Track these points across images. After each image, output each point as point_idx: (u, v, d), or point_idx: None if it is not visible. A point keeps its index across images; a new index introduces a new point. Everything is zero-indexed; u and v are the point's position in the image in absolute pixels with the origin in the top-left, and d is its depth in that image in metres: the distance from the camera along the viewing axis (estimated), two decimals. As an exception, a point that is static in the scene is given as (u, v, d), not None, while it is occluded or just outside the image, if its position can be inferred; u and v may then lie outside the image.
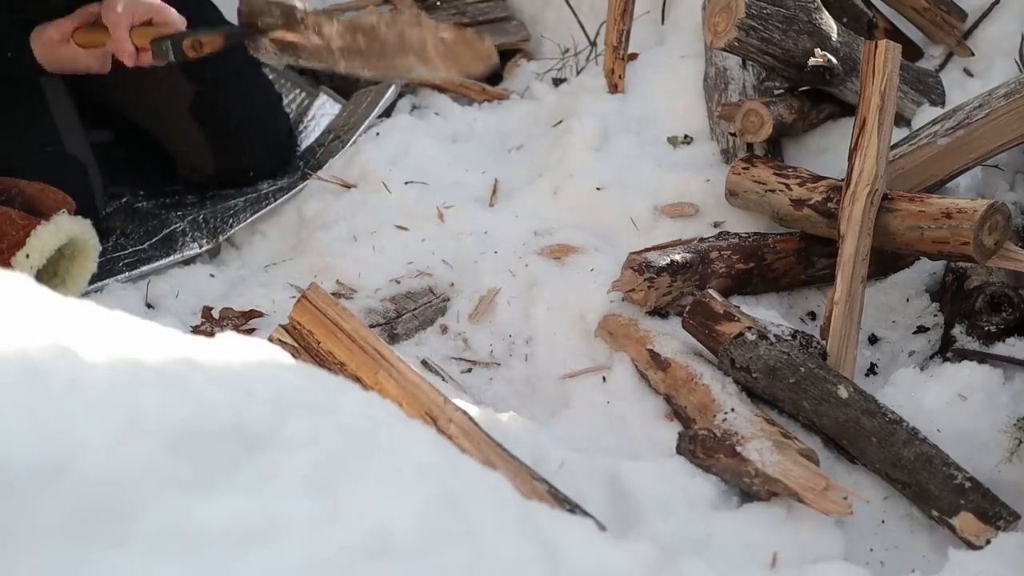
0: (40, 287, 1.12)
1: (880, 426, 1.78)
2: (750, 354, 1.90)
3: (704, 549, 1.61)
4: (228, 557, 0.94)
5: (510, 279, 2.29)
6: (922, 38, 2.87)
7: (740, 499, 1.74)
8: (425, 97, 3.00)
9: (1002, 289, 2.03)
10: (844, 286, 2.01)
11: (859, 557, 1.72)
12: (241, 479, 1.02)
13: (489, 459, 1.52)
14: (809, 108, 2.49)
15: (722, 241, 2.21)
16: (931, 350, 2.09)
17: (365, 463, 1.12)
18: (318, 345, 1.86)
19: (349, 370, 1.77)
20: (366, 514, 1.04)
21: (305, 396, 1.22)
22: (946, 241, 2.01)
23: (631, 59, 2.79)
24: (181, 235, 2.54)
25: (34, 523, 0.88)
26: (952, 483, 1.71)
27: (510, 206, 2.49)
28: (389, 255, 2.38)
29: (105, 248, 2.39)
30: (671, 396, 1.97)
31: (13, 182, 2.22)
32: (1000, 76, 2.59)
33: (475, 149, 2.72)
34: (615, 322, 2.12)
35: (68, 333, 1.05)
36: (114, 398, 0.99)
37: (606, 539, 1.34)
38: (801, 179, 2.24)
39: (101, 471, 0.92)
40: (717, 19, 2.26)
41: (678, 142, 2.59)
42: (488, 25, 3.30)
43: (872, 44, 2.12)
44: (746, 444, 1.71)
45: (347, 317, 1.82)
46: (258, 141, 2.71)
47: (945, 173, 2.22)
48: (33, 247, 2.11)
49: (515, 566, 1.12)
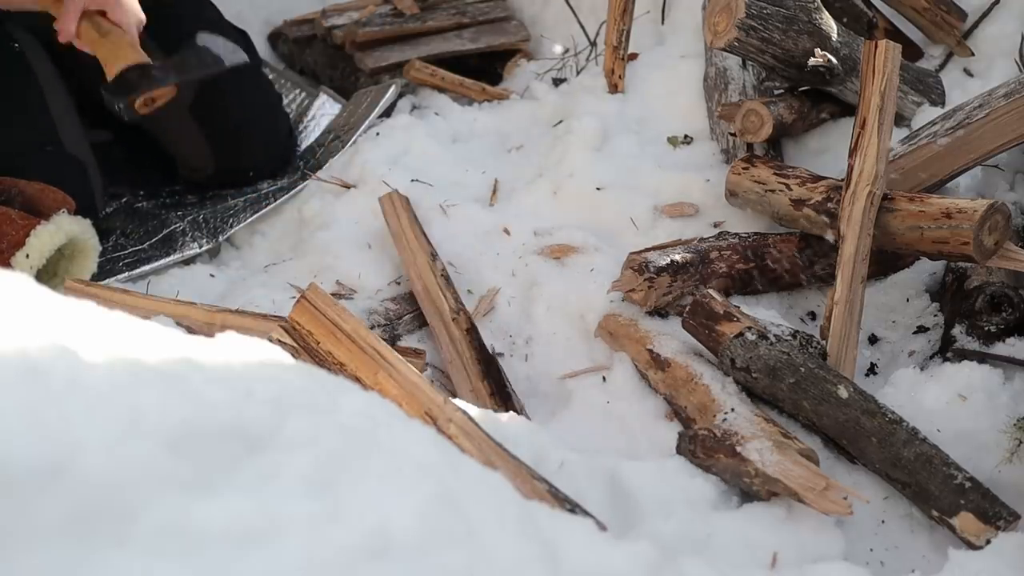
0: (40, 287, 1.12)
1: (880, 426, 1.78)
2: (750, 354, 1.90)
3: (704, 549, 1.61)
4: (228, 557, 0.94)
5: (510, 279, 2.29)
6: (922, 38, 2.87)
7: (740, 499, 1.74)
8: (425, 97, 3.00)
9: (1002, 289, 2.03)
10: (844, 286, 2.01)
11: (859, 557, 1.72)
12: (241, 479, 1.02)
13: (489, 459, 1.52)
14: (809, 108, 2.49)
15: (722, 241, 2.21)
16: (931, 350, 2.09)
17: (365, 463, 1.12)
18: (318, 345, 1.86)
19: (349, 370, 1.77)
20: (366, 514, 1.04)
21: (305, 396, 1.22)
22: (946, 241, 2.01)
23: (631, 59, 2.79)
24: (181, 235, 2.54)
25: (34, 523, 0.88)
26: (952, 483, 1.71)
27: (510, 206, 2.49)
28: (389, 255, 2.38)
29: (105, 248, 2.39)
30: (671, 396, 1.97)
31: (13, 182, 2.22)
32: (1000, 76, 2.59)
33: (475, 149, 2.72)
34: (615, 322, 2.12)
35: (68, 333, 1.05)
36: (114, 398, 0.99)
37: (606, 539, 1.34)
38: (801, 179, 2.24)
39: (101, 471, 0.92)
40: (717, 19, 2.26)
41: (678, 142, 2.59)
42: (488, 25, 3.31)
43: (872, 44, 2.12)
44: (746, 444, 1.71)
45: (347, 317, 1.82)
46: (258, 141, 2.71)
47: (945, 173, 2.22)
48: (33, 247, 2.11)
49: (515, 566, 1.12)
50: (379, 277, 2.33)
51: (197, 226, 2.58)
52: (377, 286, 2.32)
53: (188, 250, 2.50)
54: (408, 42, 3.22)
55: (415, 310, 2.24)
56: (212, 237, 2.54)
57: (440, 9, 3.31)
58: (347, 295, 2.29)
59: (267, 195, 2.66)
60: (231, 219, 2.59)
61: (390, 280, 2.33)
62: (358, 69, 3.18)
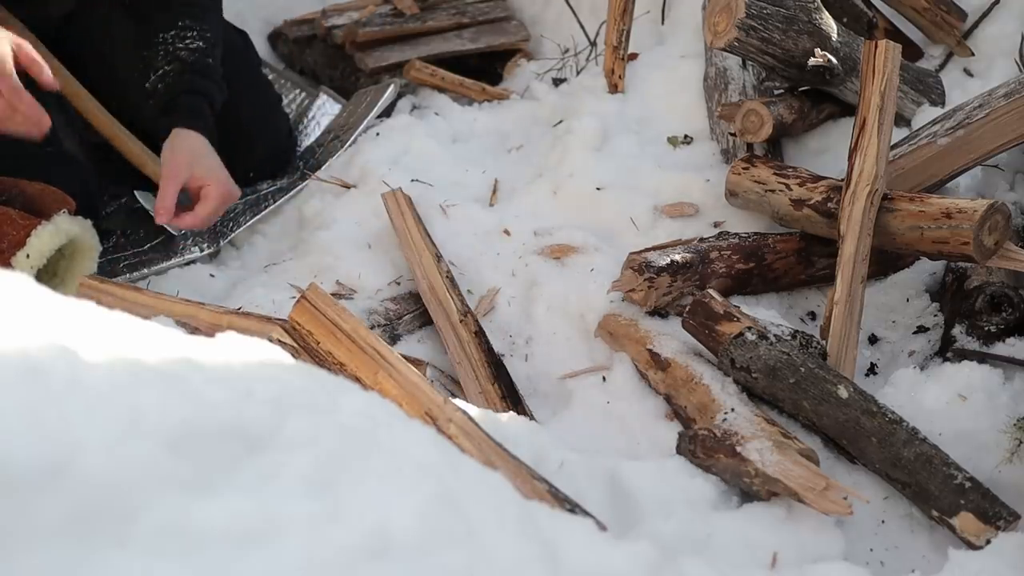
0: (40, 287, 1.12)
1: (880, 426, 1.78)
2: (750, 354, 1.90)
3: (704, 549, 1.61)
4: (228, 557, 0.94)
5: (510, 279, 2.29)
6: (922, 38, 2.87)
7: (740, 499, 1.73)
8: (425, 97, 3.00)
9: (1002, 289, 2.03)
10: (844, 286, 2.01)
11: (859, 557, 1.72)
12: (241, 479, 1.02)
13: (489, 459, 1.52)
14: (809, 108, 2.49)
15: (722, 241, 2.21)
16: (931, 350, 2.09)
17: (365, 463, 1.12)
18: (317, 345, 1.86)
19: (349, 370, 1.77)
20: (366, 514, 1.04)
21: (305, 396, 1.22)
22: (946, 241, 2.01)
23: (631, 59, 2.79)
24: (182, 238, 2.54)
25: (34, 523, 0.88)
26: (952, 483, 1.70)
27: (510, 206, 2.49)
28: (389, 255, 2.38)
29: (106, 249, 2.39)
30: (671, 396, 1.97)
31: (13, 182, 2.22)
32: (1000, 76, 2.59)
33: (475, 149, 2.72)
34: (615, 322, 2.12)
35: (68, 333, 1.05)
36: (114, 398, 0.99)
37: (606, 539, 1.34)
38: (801, 179, 2.24)
39: (101, 471, 0.92)
40: (717, 19, 2.26)
41: (678, 142, 2.59)
42: (488, 25, 3.31)
43: (872, 44, 2.12)
44: (746, 444, 1.71)
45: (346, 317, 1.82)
46: (258, 141, 2.71)
47: (945, 173, 2.22)
48: (33, 247, 2.10)
49: (515, 566, 1.12)
50: (379, 277, 2.33)
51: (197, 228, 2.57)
52: (377, 286, 2.32)
53: (189, 253, 2.50)
54: (408, 42, 3.22)
55: (415, 310, 2.24)
56: (213, 241, 2.54)
57: (440, 9, 3.32)
58: (347, 295, 2.29)
59: (267, 195, 2.66)
60: (231, 222, 2.59)
61: (390, 280, 2.33)
62: (358, 69, 3.18)
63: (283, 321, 1.86)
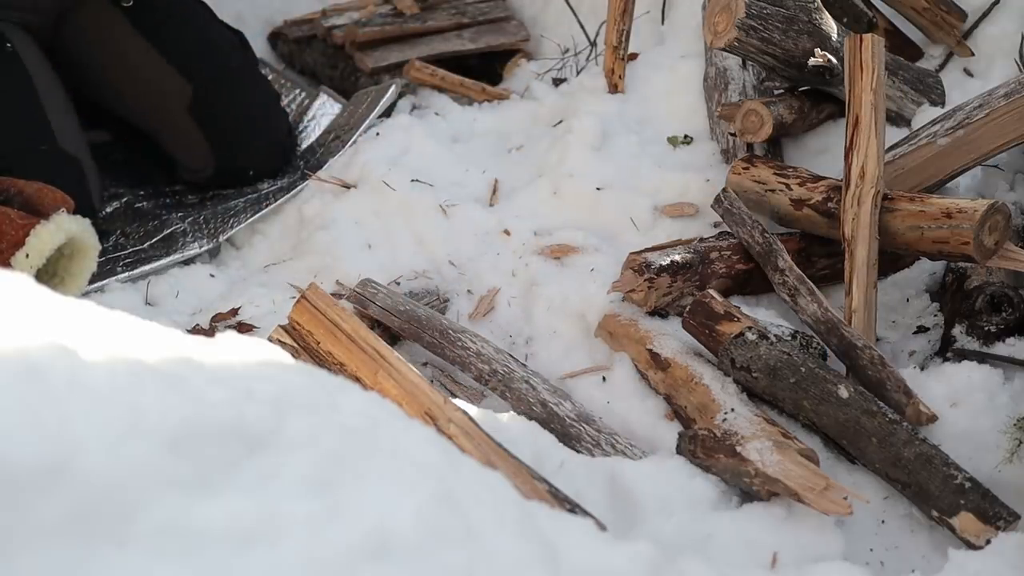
0: (40, 287, 1.12)
1: (880, 426, 1.78)
2: (750, 354, 1.90)
3: (704, 549, 1.62)
4: (228, 557, 0.94)
5: (510, 279, 2.29)
6: (922, 38, 2.87)
7: (740, 499, 1.74)
8: (425, 97, 3.00)
9: (1002, 289, 2.03)
10: (860, 293, 2.02)
11: (859, 557, 1.72)
12: (241, 479, 1.02)
13: (489, 459, 1.53)
14: (809, 108, 2.49)
15: (722, 241, 2.21)
16: (931, 350, 2.09)
17: (365, 463, 1.12)
18: (317, 345, 1.86)
19: (349, 370, 1.77)
20: (366, 514, 1.04)
21: (305, 396, 1.22)
22: (946, 241, 2.01)
23: (631, 59, 2.79)
24: (181, 235, 2.54)
25: (34, 523, 0.88)
26: (952, 483, 1.71)
27: (510, 206, 2.49)
28: (389, 255, 2.38)
29: (105, 248, 2.39)
30: (671, 396, 1.97)
31: (12, 181, 2.22)
32: (1000, 76, 2.59)
33: (475, 149, 2.72)
34: (615, 322, 2.12)
35: (68, 333, 1.05)
36: (114, 398, 0.99)
37: (606, 539, 1.34)
38: (801, 179, 2.24)
39: (101, 471, 0.92)
40: (717, 19, 2.26)
41: (678, 142, 2.59)
42: (488, 25, 3.31)
43: (856, 39, 2.10)
44: (746, 444, 1.71)
45: (346, 317, 1.83)
46: (258, 141, 2.71)
47: (945, 173, 2.22)
48: (33, 247, 2.10)
49: (515, 566, 1.12)
50: (379, 277, 2.33)
51: (197, 226, 2.57)
52: (377, 286, 2.32)
53: (188, 250, 2.50)
54: (408, 42, 3.22)
55: (415, 310, 2.24)
56: (212, 237, 2.54)
57: (440, 9, 3.31)
58: (347, 295, 2.29)
59: (267, 195, 2.66)
60: (231, 219, 2.59)
61: (390, 280, 2.33)
62: (358, 69, 3.18)
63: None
